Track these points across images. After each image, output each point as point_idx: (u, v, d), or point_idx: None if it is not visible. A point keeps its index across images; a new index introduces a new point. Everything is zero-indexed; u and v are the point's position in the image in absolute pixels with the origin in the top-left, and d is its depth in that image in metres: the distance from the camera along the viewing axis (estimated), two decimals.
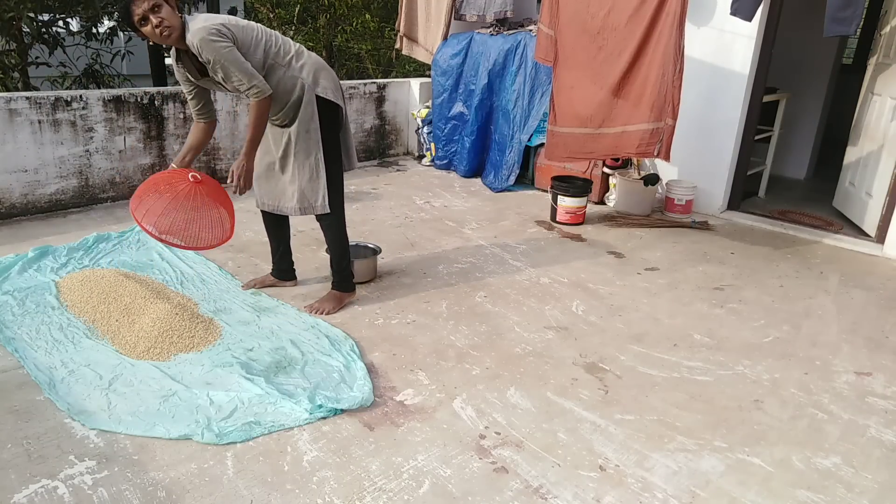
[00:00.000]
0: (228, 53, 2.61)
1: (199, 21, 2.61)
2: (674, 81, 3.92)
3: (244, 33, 2.72)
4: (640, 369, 2.74)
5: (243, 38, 2.71)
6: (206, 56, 2.60)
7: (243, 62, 2.66)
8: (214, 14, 2.76)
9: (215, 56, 2.59)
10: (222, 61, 2.60)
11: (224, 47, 2.60)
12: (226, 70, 2.63)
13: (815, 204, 5.37)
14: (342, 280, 3.20)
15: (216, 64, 2.62)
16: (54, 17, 7.21)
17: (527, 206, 5.10)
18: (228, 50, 2.61)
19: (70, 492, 1.91)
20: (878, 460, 2.22)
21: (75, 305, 3.00)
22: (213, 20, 2.63)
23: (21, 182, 4.23)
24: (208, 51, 2.58)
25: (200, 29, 2.57)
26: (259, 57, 2.75)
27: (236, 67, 2.63)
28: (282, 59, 2.83)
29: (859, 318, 3.33)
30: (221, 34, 2.60)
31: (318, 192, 2.97)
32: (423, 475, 2.04)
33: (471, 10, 6.03)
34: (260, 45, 2.76)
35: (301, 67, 2.86)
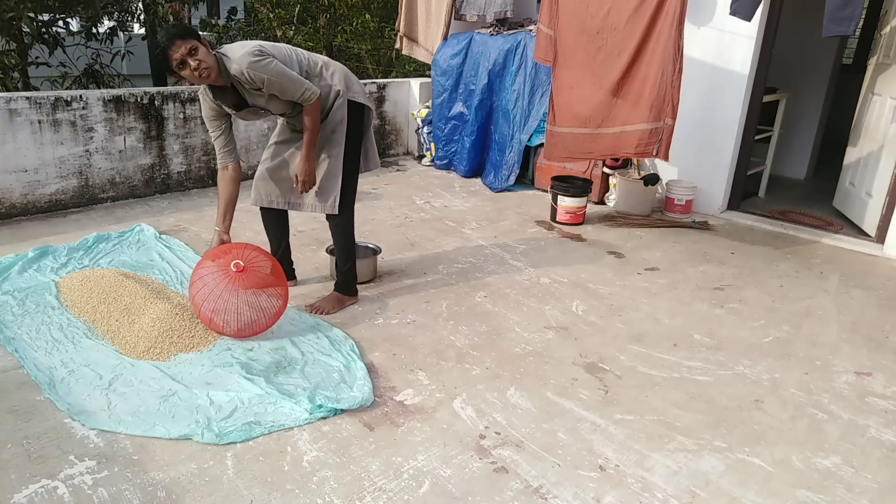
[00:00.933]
0: (278, 67, 2.69)
1: (236, 51, 2.66)
2: (673, 81, 3.92)
3: (278, 51, 2.80)
4: (640, 369, 2.74)
5: (279, 55, 2.77)
6: (260, 77, 2.66)
7: (291, 72, 2.75)
8: (241, 41, 2.81)
9: (268, 75, 2.66)
10: (276, 77, 2.68)
11: (271, 63, 2.67)
12: (281, 84, 2.71)
13: (815, 204, 5.37)
14: (345, 282, 3.20)
15: (270, 82, 2.68)
16: (54, 17, 7.21)
17: (527, 206, 5.10)
18: (276, 64, 2.69)
19: (70, 492, 1.91)
20: (878, 460, 2.22)
21: (75, 305, 3.00)
22: (249, 45, 2.68)
23: (21, 182, 4.23)
24: (261, 72, 2.65)
25: (243, 55, 2.63)
26: (296, 70, 2.84)
27: (288, 78, 2.72)
28: (314, 70, 2.93)
29: (859, 318, 3.33)
30: (264, 53, 2.67)
31: (332, 192, 3.01)
32: (423, 475, 2.05)
33: (471, 10, 6.03)
34: (293, 60, 2.85)
35: (332, 75, 2.97)
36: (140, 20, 8.74)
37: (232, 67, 2.65)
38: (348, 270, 3.20)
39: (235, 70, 2.64)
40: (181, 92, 4.94)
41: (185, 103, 4.93)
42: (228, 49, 2.69)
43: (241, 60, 2.62)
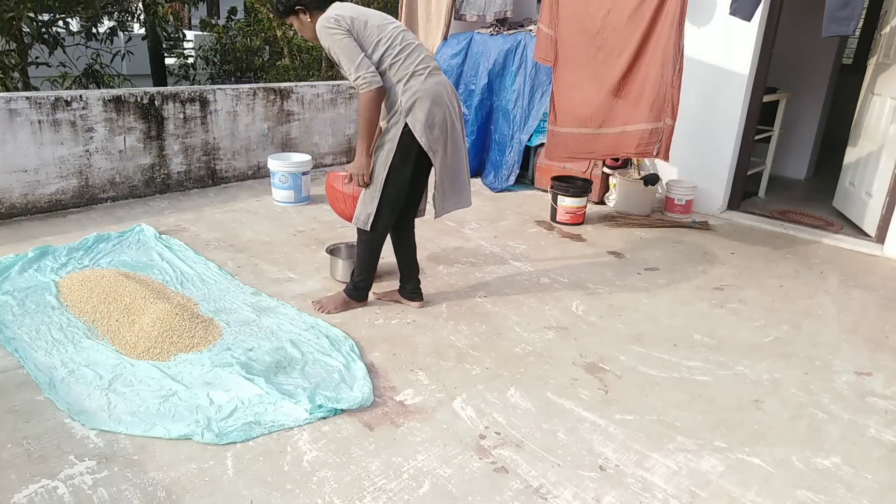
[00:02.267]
0: (339, 42, 2.66)
1: (327, 11, 2.75)
2: (673, 81, 3.92)
3: (366, 31, 2.72)
4: (640, 369, 2.74)
5: (362, 34, 2.71)
6: (323, 43, 2.73)
7: (354, 51, 2.66)
8: (350, 4, 2.81)
9: (328, 43, 2.70)
10: (334, 48, 2.69)
11: (335, 34, 2.66)
12: (336, 57, 2.71)
13: (815, 204, 5.37)
14: (353, 288, 3.14)
15: (329, 51, 2.72)
16: (54, 17, 7.22)
17: (527, 206, 5.10)
18: (340, 38, 2.66)
19: (70, 492, 1.91)
20: (878, 460, 2.22)
21: (75, 305, 3.00)
22: (338, 9, 2.75)
23: (21, 182, 4.23)
24: (323, 39, 2.72)
25: (322, 19, 2.73)
26: (374, 60, 2.72)
27: (344, 55, 2.67)
28: (394, 73, 2.75)
29: (859, 318, 3.33)
30: (338, 23, 2.68)
31: (366, 209, 2.89)
32: (423, 475, 2.05)
33: (471, 10, 6.03)
34: (378, 50, 2.73)
35: (407, 90, 2.74)
36: (140, 20, 8.75)
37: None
38: (358, 282, 3.11)
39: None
40: (181, 92, 4.94)
41: (185, 103, 4.93)
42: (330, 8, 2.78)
43: (319, 23, 2.73)
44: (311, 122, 5.84)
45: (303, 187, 4.84)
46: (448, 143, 2.86)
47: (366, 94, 2.69)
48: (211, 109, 5.10)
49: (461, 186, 3.05)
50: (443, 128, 2.81)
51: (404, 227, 3.17)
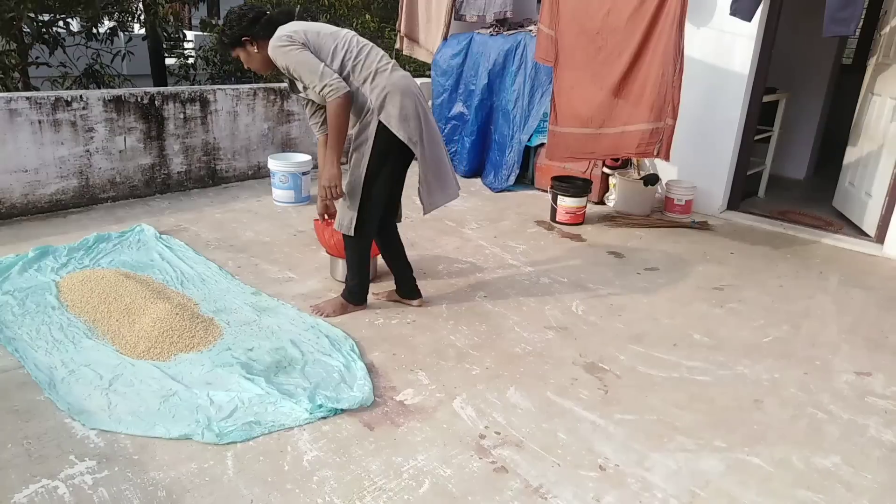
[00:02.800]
0: (297, 56, 2.62)
1: (272, 45, 2.68)
2: (673, 81, 3.92)
3: (321, 41, 2.71)
4: (639, 369, 2.74)
5: (318, 45, 2.70)
6: (280, 64, 2.67)
7: (314, 62, 2.63)
8: (299, 22, 2.77)
9: (285, 62, 2.63)
10: (292, 64, 2.63)
11: (291, 50, 2.62)
12: (298, 73, 2.64)
13: (815, 204, 5.37)
14: (349, 293, 3.12)
15: (289, 70, 2.66)
16: (54, 17, 7.22)
17: (527, 206, 5.10)
18: (297, 52, 2.62)
19: (70, 492, 1.91)
20: (878, 460, 2.23)
21: (75, 305, 3.00)
22: (285, 29, 2.68)
23: (21, 182, 4.23)
24: (280, 59, 2.65)
25: (273, 40, 2.67)
26: (335, 68, 2.70)
27: (305, 67, 2.62)
28: (357, 76, 2.74)
29: (859, 318, 3.33)
30: (291, 39, 2.63)
31: (347, 214, 2.87)
32: (423, 475, 2.05)
33: (471, 10, 6.03)
34: (337, 57, 2.72)
35: (374, 89, 2.72)
36: (140, 20, 8.75)
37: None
38: (353, 286, 3.10)
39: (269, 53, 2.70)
40: (181, 92, 4.94)
41: (185, 103, 4.93)
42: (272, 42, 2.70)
43: (270, 45, 2.67)
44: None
45: (303, 187, 4.84)
46: (425, 134, 2.80)
47: (335, 102, 2.64)
48: (211, 109, 5.10)
49: (445, 179, 3.01)
50: (417, 119, 2.76)
51: (386, 231, 3.16)
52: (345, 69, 2.73)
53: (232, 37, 2.77)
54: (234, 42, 2.78)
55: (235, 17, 2.76)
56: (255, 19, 2.74)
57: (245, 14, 2.74)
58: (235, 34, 2.76)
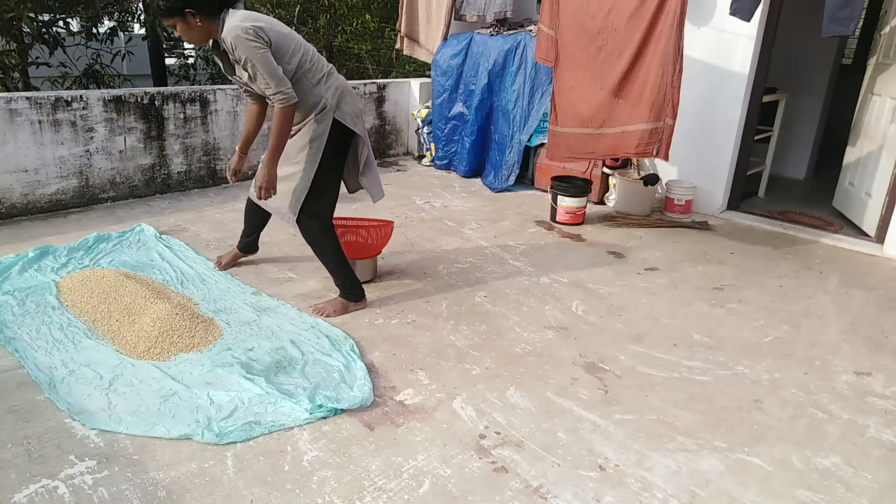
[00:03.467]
0: (261, 55, 2.65)
1: (236, 18, 2.67)
2: (673, 81, 3.92)
3: (284, 40, 2.76)
4: (639, 369, 2.74)
5: (281, 43, 2.74)
6: (238, 54, 2.66)
7: (274, 66, 2.68)
8: (257, 14, 2.77)
9: (247, 55, 2.64)
10: (253, 61, 2.65)
11: (257, 48, 2.64)
12: (255, 71, 2.67)
13: (815, 204, 5.37)
14: (344, 292, 3.14)
15: (246, 63, 2.67)
16: (54, 17, 7.22)
17: (527, 206, 5.10)
18: (262, 52, 2.65)
19: (70, 492, 1.91)
20: (878, 460, 2.23)
21: (75, 305, 3.00)
22: (252, 20, 2.68)
23: (21, 182, 4.23)
24: (241, 49, 2.64)
25: (235, 27, 2.63)
26: (292, 67, 2.78)
27: (266, 70, 2.66)
28: (312, 76, 2.85)
29: (859, 318, 3.33)
30: (258, 35, 2.64)
31: (291, 202, 2.94)
32: (423, 475, 2.05)
33: (471, 10, 6.03)
34: (296, 56, 2.80)
35: (328, 88, 2.88)
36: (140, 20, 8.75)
37: (223, 29, 2.68)
38: (342, 282, 3.13)
39: (224, 33, 2.67)
40: (181, 92, 4.94)
41: (185, 103, 4.93)
42: (235, 14, 2.69)
43: (232, 31, 2.64)
44: None
45: None
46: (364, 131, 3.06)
47: (285, 109, 2.73)
48: (211, 109, 5.10)
49: (377, 176, 3.24)
50: (361, 118, 3.02)
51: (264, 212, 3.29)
52: (301, 68, 2.83)
53: (173, 6, 2.65)
54: (175, 11, 2.66)
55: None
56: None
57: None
58: (178, 3, 2.65)
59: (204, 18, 2.70)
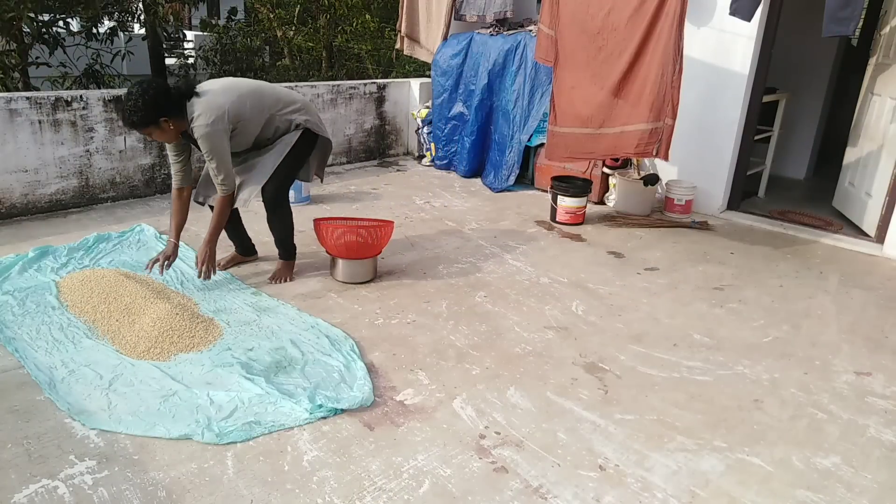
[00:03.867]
0: (221, 147, 3.03)
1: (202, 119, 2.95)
2: (673, 82, 3.92)
3: (241, 107, 3.08)
4: (639, 369, 2.74)
5: (240, 113, 3.08)
6: (202, 146, 2.99)
7: (228, 158, 3.07)
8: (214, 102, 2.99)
9: (211, 146, 2.99)
10: (214, 151, 3.01)
11: (222, 141, 3.02)
12: (211, 157, 3.02)
13: (815, 204, 5.37)
14: (288, 253, 3.51)
15: (206, 151, 3.01)
16: (54, 17, 7.23)
17: (527, 206, 5.10)
18: (223, 144, 3.03)
19: (70, 492, 1.91)
20: (878, 460, 2.23)
21: (75, 305, 3.00)
22: (215, 110, 2.96)
23: (21, 182, 4.23)
24: (204, 143, 2.98)
25: (202, 126, 2.95)
26: (256, 119, 3.16)
27: (221, 161, 3.04)
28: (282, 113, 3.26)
29: (859, 318, 3.33)
30: (222, 129, 3.00)
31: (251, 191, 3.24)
32: (423, 475, 2.05)
33: (471, 10, 6.03)
34: (264, 110, 3.18)
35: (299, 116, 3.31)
36: (140, 20, 8.75)
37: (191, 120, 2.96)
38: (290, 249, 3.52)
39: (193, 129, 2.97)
40: None
41: None
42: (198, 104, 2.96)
43: (200, 128, 2.95)
44: None
45: (303, 187, 4.84)
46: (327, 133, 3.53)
47: (225, 198, 3.12)
48: None
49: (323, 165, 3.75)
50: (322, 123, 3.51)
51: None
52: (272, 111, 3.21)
53: (147, 119, 2.89)
54: (150, 123, 2.91)
55: (147, 98, 2.85)
56: (166, 97, 2.90)
57: (156, 93, 2.88)
58: (151, 116, 2.88)
59: (175, 120, 2.97)
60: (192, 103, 2.96)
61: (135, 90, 2.86)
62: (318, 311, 3.13)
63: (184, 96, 2.96)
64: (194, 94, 2.98)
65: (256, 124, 3.16)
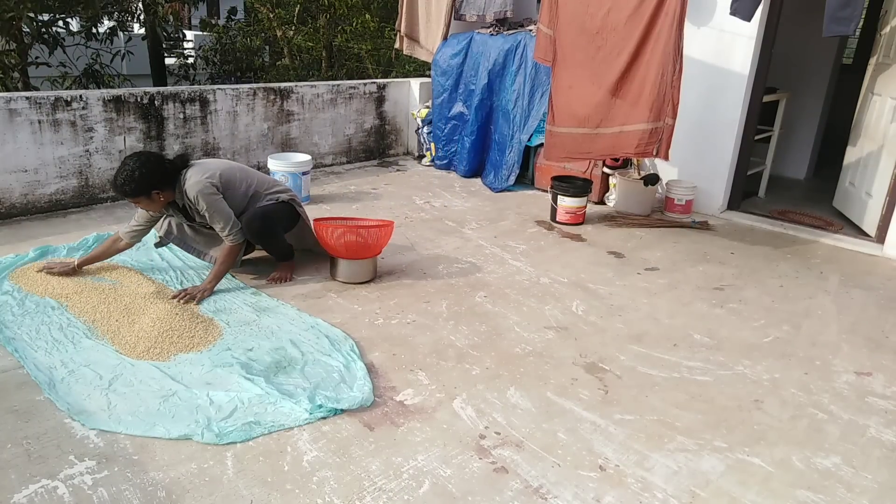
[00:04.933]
0: (218, 204, 3.16)
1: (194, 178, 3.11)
2: (673, 81, 3.92)
3: (232, 175, 3.29)
4: (640, 369, 2.74)
5: (231, 179, 3.27)
6: (200, 204, 3.12)
7: (228, 212, 3.20)
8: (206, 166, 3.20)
9: (207, 204, 3.12)
10: (212, 209, 3.14)
11: (217, 200, 3.16)
12: (212, 216, 3.15)
13: (815, 204, 5.37)
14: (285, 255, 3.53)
15: (205, 209, 3.13)
16: (54, 17, 7.22)
17: (527, 206, 5.10)
18: (219, 202, 3.17)
19: (70, 492, 1.91)
20: (878, 460, 2.22)
21: (75, 305, 3.00)
22: (208, 174, 3.14)
23: (21, 182, 4.23)
24: (202, 201, 3.11)
25: (197, 183, 3.10)
26: (243, 189, 3.33)
27: (222, 216, 3.17)
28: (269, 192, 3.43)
29: (859, 318, 3.33)
30: (214, 187, 3.15)
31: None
32: (423, 475, 2.05)
33: (471, 10, 6.03)
34: (244, 181, 3.35)
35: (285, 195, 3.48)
36: (140, 20, 8.75)
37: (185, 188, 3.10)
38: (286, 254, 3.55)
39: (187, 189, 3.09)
40: (181, 92, 4.94)
41: (184, 103, 4.93)
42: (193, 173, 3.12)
43: (194, 187, 3.08)
44: (310, 122, 5.84)
45: (303, 187, 4.84)
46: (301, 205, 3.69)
47: (237, 246, 3.24)
48: (211, 109, 5.10)
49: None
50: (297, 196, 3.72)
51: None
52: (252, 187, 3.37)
53: (138, 190, 3.02)
54: (142, 193, 3.03)
55: (143, 171, 2.99)
56: (161, 170, 3.06)
57: (152, 167, 3.03)
58: (143, 188, 3.02)
59: (166, 193, 3.11)
60: (185, 172, 3.14)
61: (131, 162, 3.01)
62: (318, 311, 3.13)
63: (178, 169, 3.14)
64: (188, 165, 3.18)
65: (243, 196, 3.31)
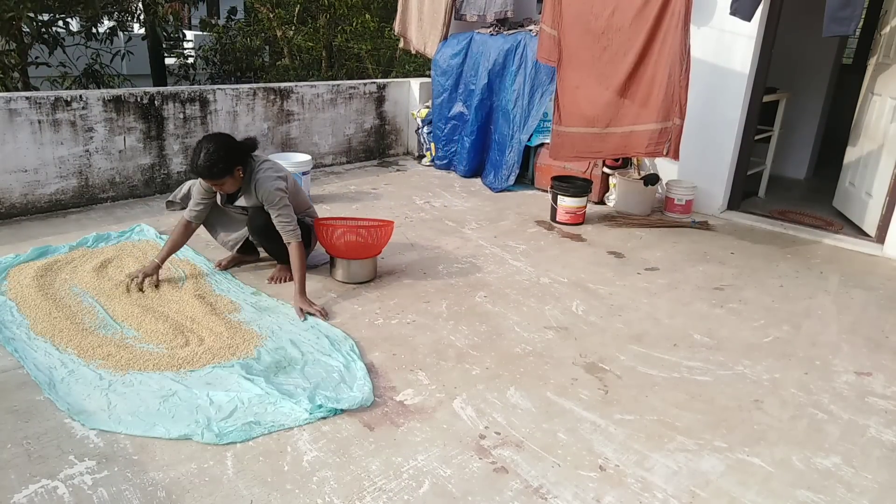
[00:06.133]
0: (286, 204, 3.20)
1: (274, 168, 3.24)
2: (680, 81, 3.92)
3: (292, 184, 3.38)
4: (640, 369, 2.74)
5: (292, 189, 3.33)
6: (268, 197, 3.15)
7: (293, 214, 3.22)
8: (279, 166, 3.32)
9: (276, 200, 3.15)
10: (279, 207, 3.16)
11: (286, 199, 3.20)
12: (277, 212, 3.16)
13: (815, 204, 5.37)
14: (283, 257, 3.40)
15: (272, 205, 3.16)
16: (54, 17, 7.22)
17: (527, 206, 5.09)
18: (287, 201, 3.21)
19: (70, 492, 1.91)
20: (878, 460, 2.22)
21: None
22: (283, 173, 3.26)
23: (21, 182, 4.23)
24: (272, 197, 3.14)
25: (273, 185, 3.16)
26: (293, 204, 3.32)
27: (288, 216, 3.19)
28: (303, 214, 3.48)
29: (859, 318, 3.33)
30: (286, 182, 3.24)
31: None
32: (423, 475, 2.05)
33: (471, 10, 6.03)
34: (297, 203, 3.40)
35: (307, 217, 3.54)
36: (140, 20, 8.74)
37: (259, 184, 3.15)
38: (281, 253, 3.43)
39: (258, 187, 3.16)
40: (181, 92, 4.94)
41: (184, 103, 4.93)
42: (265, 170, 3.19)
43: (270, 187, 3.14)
44: (310, 122, 5.84)
45: (303, 187, 4.84)
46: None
47: (299, 244, 3.18)
48: (211, 109, 5.10)
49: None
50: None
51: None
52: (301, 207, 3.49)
53: (226, 169, 3.06)
54: (227, 172, 3.07)
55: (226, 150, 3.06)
56: (237, 148, 3.12)
57: (230, 147, 3.09)
58: (229, 168, 3.07)
59: (244, 170, 3.17)
60: (257, 159, 3.22)
61: (211, 145, 3.03)
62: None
63: (249, 149, 3.19)
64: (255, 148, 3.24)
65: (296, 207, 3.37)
